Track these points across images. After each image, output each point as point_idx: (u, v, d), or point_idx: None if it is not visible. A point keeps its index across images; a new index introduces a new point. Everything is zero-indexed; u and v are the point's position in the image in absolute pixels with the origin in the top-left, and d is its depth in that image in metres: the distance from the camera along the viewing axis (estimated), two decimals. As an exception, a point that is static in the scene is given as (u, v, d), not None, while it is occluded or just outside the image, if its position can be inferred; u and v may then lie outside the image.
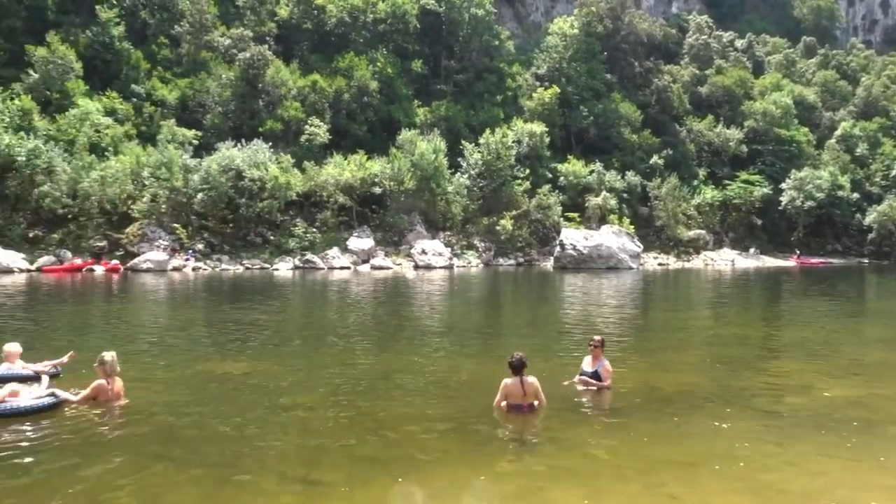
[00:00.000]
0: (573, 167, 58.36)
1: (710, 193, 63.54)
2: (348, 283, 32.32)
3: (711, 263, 56.17)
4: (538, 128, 58.52)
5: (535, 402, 8.08)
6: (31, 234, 39.99)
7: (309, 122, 52.67)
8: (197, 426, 7.54)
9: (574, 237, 47.90)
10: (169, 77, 54.94)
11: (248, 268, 41.51)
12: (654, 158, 63.80)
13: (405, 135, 51.39)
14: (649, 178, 61.39)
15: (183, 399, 8.76)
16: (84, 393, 8.36)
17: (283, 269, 41.68)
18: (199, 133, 48.89)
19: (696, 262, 56.08)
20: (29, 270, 36.51)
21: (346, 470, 6.17)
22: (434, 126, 56.48)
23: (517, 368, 8.00)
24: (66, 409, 8.19)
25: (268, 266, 42.06)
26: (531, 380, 8.05)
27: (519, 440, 7.37)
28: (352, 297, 25.55)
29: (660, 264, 54.15)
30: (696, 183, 65.18)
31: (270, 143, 47.42)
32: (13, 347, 10.18)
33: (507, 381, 8.03)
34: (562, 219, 54.18)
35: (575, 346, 12.74)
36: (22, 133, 41.19)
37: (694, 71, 77.25)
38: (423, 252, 46.04)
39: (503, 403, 8.05)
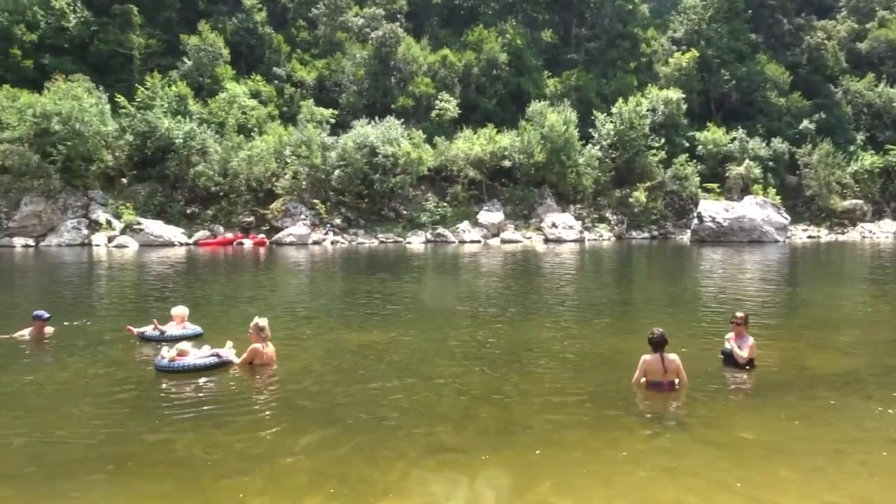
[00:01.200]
0: (713, 135, 55.27)
1: (868, 160, 58.00)
2: (478, 256, 32.61)
3: (869, 236, 51.50)
4: (674, 94, 55.81)
5: (676, 381, 7.82)
6: (188, 211, 43.45)
7: (439, 97, 53.27)
8: (341, 392, 7.91)
9: (713, 209, 45.55)
10: (307, 59, 57.39)
11: (382, 241, 42.90)
12: (805, 123, 59.07)
13: (535, 107, 50.74)
14: (798, 145, 56.91)
15: (327, 365, 9.21)
16: (243, 356, 9.03)
17: (416, 242, 42.72)
18: (336, 111, 50.83)
19: (852, 235, 51.64)
20: (187, 244, 39.75)
21: (482, 439, 6.27)
22: (564, 97, 55.34)
23: (658, 345, 7.76)
24: (227, 369, 8.88)
25: (401, 240, 43.26)
26: (672, 357, 7.79)
27: (658, 418, 7.17)
28: (482, 271, 25.77)
29: (809, 237, 50.40)
30: (852, 149, 59.64)
31: (402, 120, 48.46)
32: (181, 311, 11.31)
33: (647, 357, 7.82)
34: (700, 190, 51.60)
35: (716, 323, 12.18)
36: (179, 117, 44.65)
37: (852, 25, 70.40)
38: (554, 225, 45.55)
39: (642, 380, 7.85)
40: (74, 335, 11.24)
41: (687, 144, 54.95)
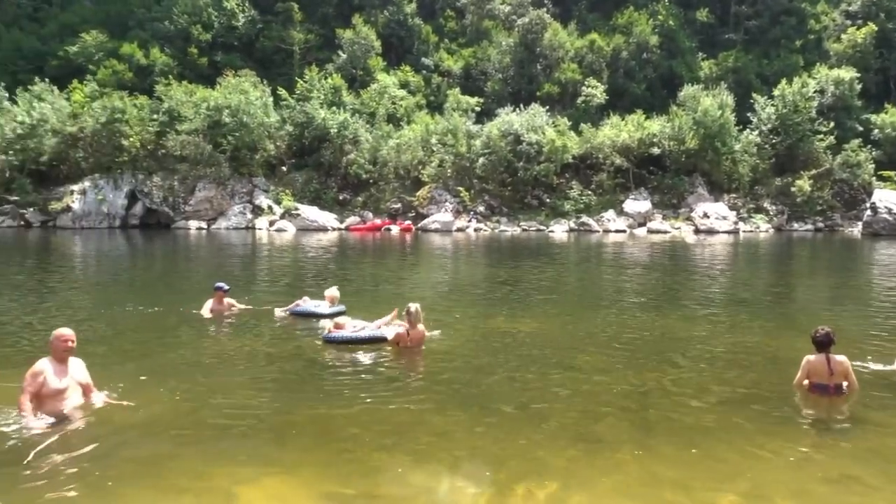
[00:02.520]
0: (891, 118, 50.06)
1: None
2: (623, 246, 31.75)
3: None
4: (847, 74, 51.06)
5: (844, 384, 7.23)
6: (340, 197, 45.67)
7: (586, 83, 52.21)
8: (486, 376, 8.04)
9: (891, 199, 41.35)
10: (454, 48, 58.26)
11: (524, 229, 42.86)
12: None
13: (687, 91, 48.39)
14: None
15: (471, 350, 9.38)
16: (390, 337, 9.43)
17: (559, 231, 42.29)
18: (481, 100, 51.27)
19: None
20: (339, 229, 41.83)
21: (627, 433, 6.15)
22: (720, 79, 52.31)
23: (823, 345, 7.21)
24: (381, 347, 9.30)
25: (544, 228, 43.00)
26: (840, 358, 7.20)
27: (824, 423, 6.68)
28: (627, 261, 25.08)
29: None
30: None
31: (547, 107, 47.99)
32: (333, 292, 12.09)
33: (811, 357, 7.28)
34: (874, 178, 46.97)
35: (892, 325, 11.11)
36: (334, 108, 46.96)
37: None
38: (705, 215, 43.36)
39: (805, 382, 7.34)
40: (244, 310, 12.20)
41: (860, 128, 50.11)
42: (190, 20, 52.69)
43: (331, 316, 11.14)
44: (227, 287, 11.99)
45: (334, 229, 41.67)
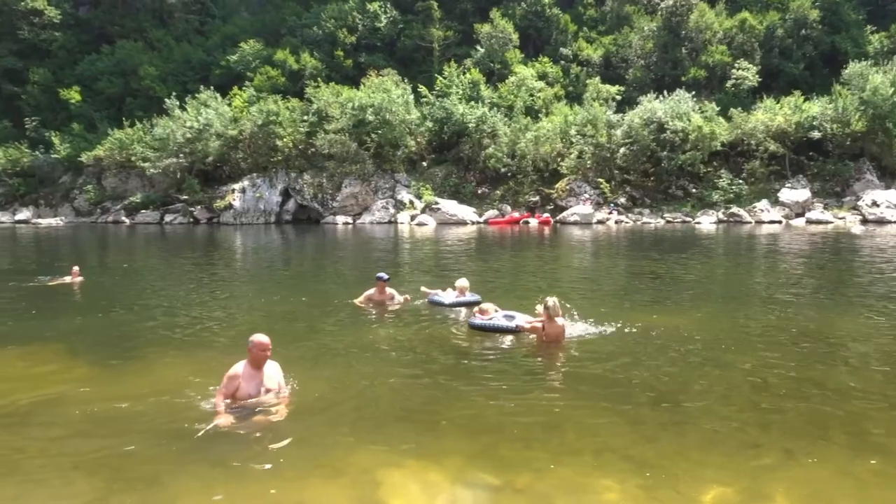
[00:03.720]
0: None
1: None
2: (779, 238, 29.71)
3: None
4: None
5: None
6: (479, 191, 46.14)
7: (736, 65, 49.25)
8: (632, 372, 7.85)
9: None
10: (594, 36, 56.96)
11: (668, 221, 41.24)
12: None
13: (853, 68, 44.24)
14: None
15: (614, 345, 9.16)
16: (526, 328, 9.45)
17: (706, 222, 40.28)
18: (622, 88, 49.82)
19: None
20: (478, 222, 42.29)
21: (787, 436, 5.79)
22: (893, 53, 47.45)
23: None
24: (524, 339, 9.36)
25: (689, 220, 41.15)
26: None
27: None
28: (783, 254, 23.44)
29: None
30: None
31: (693, 93, 45.74)
32: (463, 282, 12.47)
33: None
34: None
35: None
36: (472, 102, 47.48)
37: None
38: (874, 204, 39.60)
39: None
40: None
41: None
42: (336, 24, 55.21)
43: (454, 305, 11.80)
44: (387, 276, 12.44)
45: (473, 223, 42.19)
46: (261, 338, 6.36)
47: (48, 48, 59.89)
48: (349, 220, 44.22)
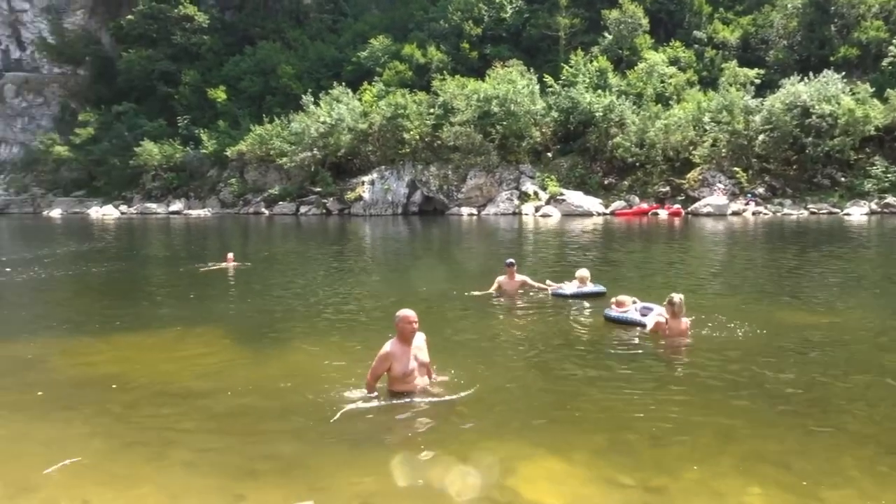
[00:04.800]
0: None
1: None
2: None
3: None
4: None
5: None
6: (605, 182, 45.12)
7: (894, 41, 45.03)
8: (771, 374, 7.45)
9: None
10: (730, 17, 53.93)
11: (813, 212, 38.50)
12: None
13: None
14: None
15: (752, 345, 8.71)
16: (650, 325, 9.21)
17: (856, 213, 37.23)
18: (761, 71, 46.89)
19: None
20: (604, 214, 41.40)
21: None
22: None
23: None
24: (643, 331, 9.15)
25: (837, 210, 38.21)
26: None
27: None
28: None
29: None
30: None
31: (843, 73, 42.28)
32: (583, 272, 12.33)
33: None
34: None
35: None
36: (599, 91, 46.42)
37: None
38: None
39: None
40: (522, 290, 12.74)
41: None
42: (462, 17, 55.65)
43: (575, 296, 11.73)
44: (512, 261, 12.56)
45: (599, 214, 41.36)
46: (407, 312, 6.54)
47: (197, 51, 64.52)
48: (474, 211, 44.62)
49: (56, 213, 58.00)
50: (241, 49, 63.33)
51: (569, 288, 12.18)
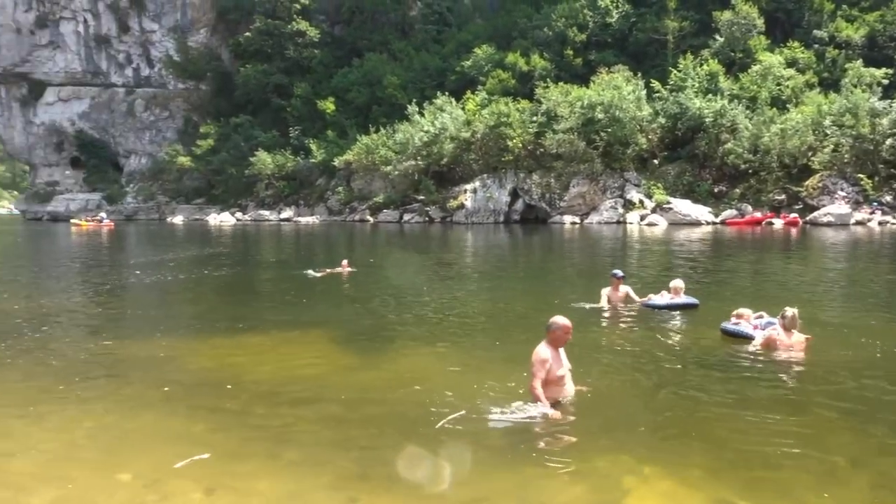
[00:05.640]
0: None
1: None
2: None
3: None
4: None
5: None
6: (715, 190, 43.41)
7: None
8: (885, 393, 6.96)
9: None
10: (855, 14, 50.71)
11: (950, 222, 35.55)
12: None
13: None
14: None
15: (871, 364, 8.14)
16: (760, 340, 8.80)
17: None
18: (889, 71, 43.78)
19: None
20: (713, 223, 39.83)
21: None
22: None
23: None
24: (747, 346, 8.76)
25: (977, 221, 35.10)
26: None
27: None
28: None
29: None
30: None
31: None
32: (678, 283, 11.89)
33: None
34: None
35: None
36: (709, 95, 44.76)
37: None
38: None
39: None
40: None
41: None
42: (566, 23, 55.20)
43: (669, 307, 11.37)
44: (621, 273, 12.28)
45: (708, 223, 39.81)
46: (566, 321, 6.52)
47: (308, 64, 67.35)
48: (576, 219, 44.05)
49: (178, 219, 61.91)
50: (349, 61, 65.53)
51: (661, 299, 11.84)
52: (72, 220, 56.42)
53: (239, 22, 70.78)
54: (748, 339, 9.08)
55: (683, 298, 11.72)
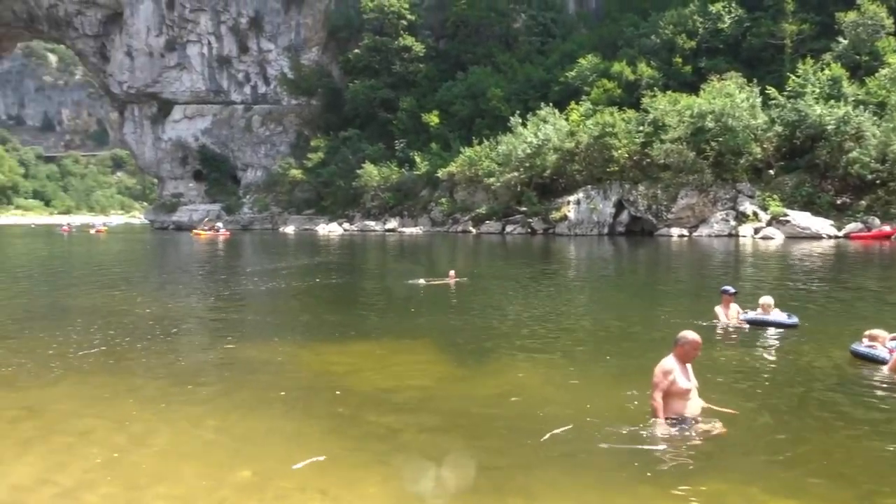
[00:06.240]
0: None
1: None
2: None
3: None
4: None
5: None
6: (838, 202, 40.81)
7: None
8: None
9: None
10: None
11: None
12: None
13: None
14: None
15: None
16: (892, 363, 8.22)
17: None
18: None
19: None
20: (836, 237, 37.43)
21: None
22: None
23: None
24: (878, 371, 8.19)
25: None
26: None
27: None
28: None
29: None
30: None
31: None
32: (767, 300, 11.45)
33: None
34: None
35: None
36: (831, 102, 42.17)
37: None
38: None
39: None
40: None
41: None
42: (675, 31, 53.68)
43: (761, 323, 11.02)
44: (733, 290, 11.81)
45: (830, 237, 37.45)
46: (695, 335, 6.39)
47: (414, 79, 68.86)
48: (684, 232, 42.59)
49: (290, 229, 64.63)
50: (453, 75, 66.43)
51: (750, 314, 11.41)
52: (193, 231, 60.17)
53: (348, 39, 73.31)
54: (880, 362, 8.52)
55: (775, 316, 11.22)
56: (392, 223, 60.02)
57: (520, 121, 52.52)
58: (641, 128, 46.39)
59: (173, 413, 7.04)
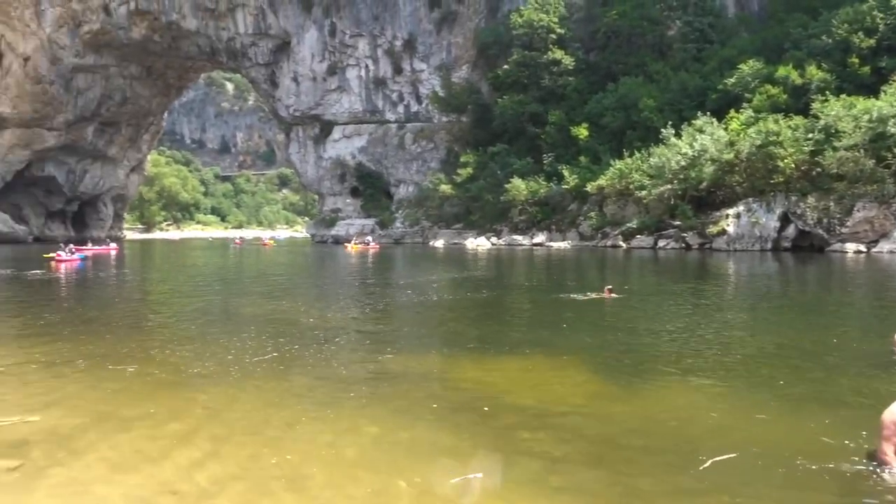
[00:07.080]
0: None
1: None
2: None
3: None
4: None
5: None
6: None
7: None
8: None
9: None
10: None
11: None
12: None
13: None
14: None
15: None
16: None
17: None
18: None
19: None
20: None
21: None
22: None
23: None
24: None
25: None
26: None
27: None
28: None
29: None
30: None
31: None
32: None
33: None
34: None
35: None
36: None
37: None
38: None
39: None
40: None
41: None
42: (850, 29, 49.46)
43: None
44: None
45: None
46: None
47: (563, 92, 68.40)
48: (862, 248, 38.93)
49: (439, 243, 66.22)
50: (603, 87, 65.27)
51: None
52: (348, 244, 63.43)
53: (498, 56, 74.20)
54: None
55: None
56: (540, 237, 59.79)
57: (673, 132, 50.56)
58: (811, 135, 43.11)
59: (338, 419, 7.42)
